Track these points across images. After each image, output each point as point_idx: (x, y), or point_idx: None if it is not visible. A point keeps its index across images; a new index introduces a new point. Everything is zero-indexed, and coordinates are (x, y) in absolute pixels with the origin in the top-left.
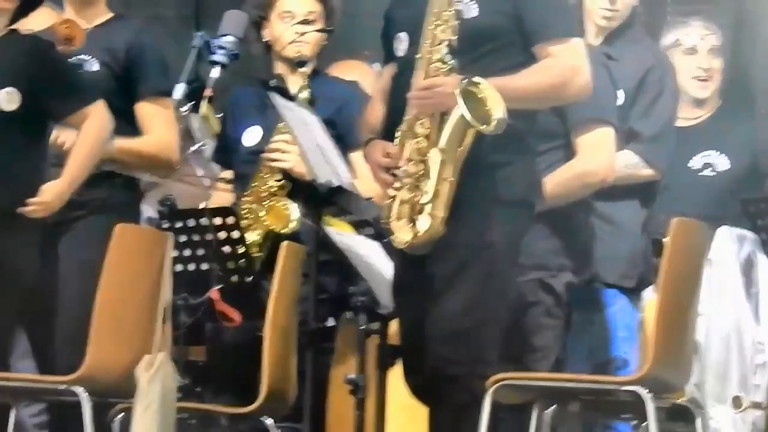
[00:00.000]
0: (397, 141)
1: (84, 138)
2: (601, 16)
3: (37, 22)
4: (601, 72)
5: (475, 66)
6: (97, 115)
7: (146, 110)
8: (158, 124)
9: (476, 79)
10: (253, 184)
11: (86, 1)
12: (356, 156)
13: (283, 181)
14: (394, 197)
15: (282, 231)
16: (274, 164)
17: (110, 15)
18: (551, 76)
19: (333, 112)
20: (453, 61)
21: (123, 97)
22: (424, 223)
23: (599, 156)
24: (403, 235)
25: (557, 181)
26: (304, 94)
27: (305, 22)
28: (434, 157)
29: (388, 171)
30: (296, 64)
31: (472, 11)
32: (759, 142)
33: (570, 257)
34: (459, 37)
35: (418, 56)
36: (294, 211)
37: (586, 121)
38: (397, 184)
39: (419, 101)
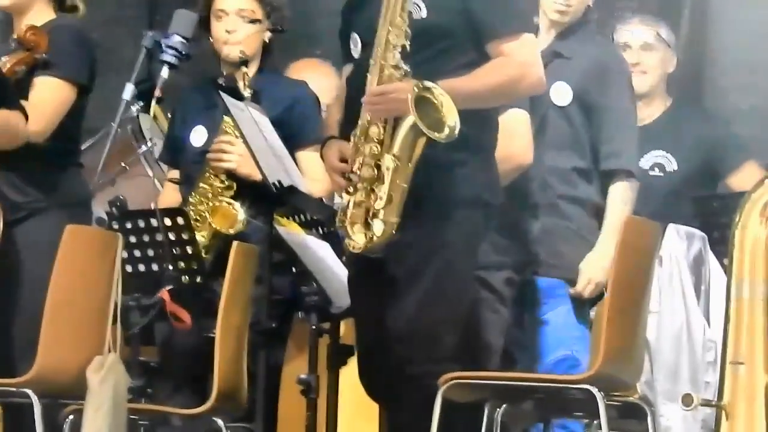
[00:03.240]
0: (351, 145)
1: None
2: (554, 9)
3: None
4: None
5: (428, 66)
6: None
7: (35, 84)
8: (34, 97)
9: (429, 84)
10: (199, 185)
11: (19, 10)
12: (304, 155)
13: (229, 181)
14: (348, 201)
15: (228, 231)
16: (216, 165)
17: (52, 17)
18: (503, 75)
19: (281, 111)
20: (407, 66)
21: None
22: (377, 228)
23: (516, 140)
24: (357, 239)
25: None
26: (246, 93)
27: (245, 20)
28: (388, 163)
29: (343, 175)
30: (240, 63)
31: (422, 12)
32: (711, 143)
33: (509, 255)
34: (410, 38)
35: (371, 61)
36: (240, 211)
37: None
38: (350, 188)
39: (372, 107)
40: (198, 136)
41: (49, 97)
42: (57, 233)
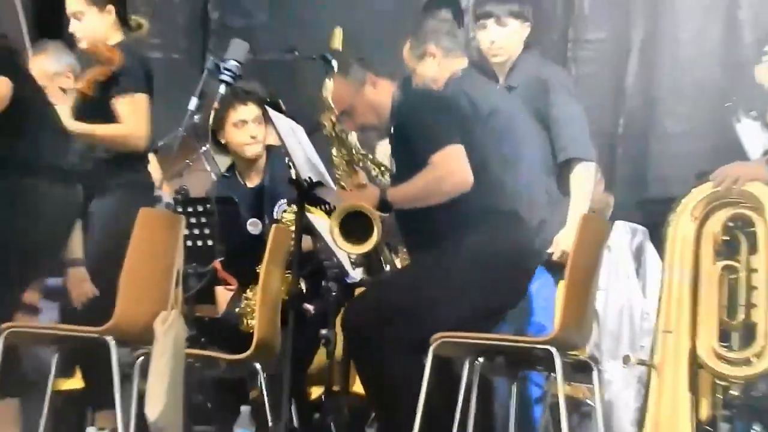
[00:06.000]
0: None
1: None
2: (491, 55)
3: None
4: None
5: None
6: None
7: (119, 103)
8: (126, 111)
9: (343, 205)
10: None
11: (95, 45)
12: None
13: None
14: None
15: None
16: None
17: (121, 38)
18: (428, 179)
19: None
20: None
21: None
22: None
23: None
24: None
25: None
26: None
27: (260, 124)
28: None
29: None
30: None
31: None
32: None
33: None
34: (396, 162)
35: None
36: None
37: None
38: None
39: None
40: (254, 227)
41: (140, 109)
42: (122, 208)
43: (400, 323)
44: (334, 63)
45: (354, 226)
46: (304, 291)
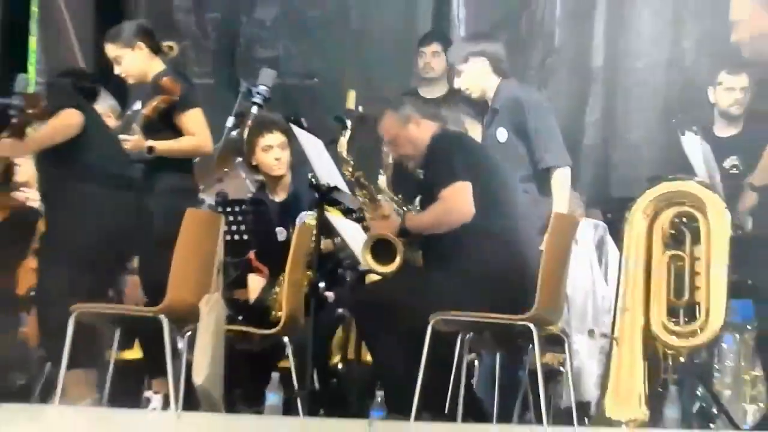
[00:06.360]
0: None
1: (44, 127)
2: (467, 93)
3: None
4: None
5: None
6: (60, 117)
7: (183, 120)
8: (192, 126)
9: (372, 235)
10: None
11: (142, 77)
12: None
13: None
14: None
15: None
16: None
17: (161, 66)
18: (436, 211)
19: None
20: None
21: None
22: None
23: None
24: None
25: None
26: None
27: (284, 148)
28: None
29: None
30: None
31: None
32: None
33: None
34: (420, 194)
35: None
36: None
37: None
38: None
39: None
40: (281, 234)
41: (201, 120)
42: (169, 207)
43: (405, 317)
44: (348, 122)
45: (381, 249)
46: (324, 282)
